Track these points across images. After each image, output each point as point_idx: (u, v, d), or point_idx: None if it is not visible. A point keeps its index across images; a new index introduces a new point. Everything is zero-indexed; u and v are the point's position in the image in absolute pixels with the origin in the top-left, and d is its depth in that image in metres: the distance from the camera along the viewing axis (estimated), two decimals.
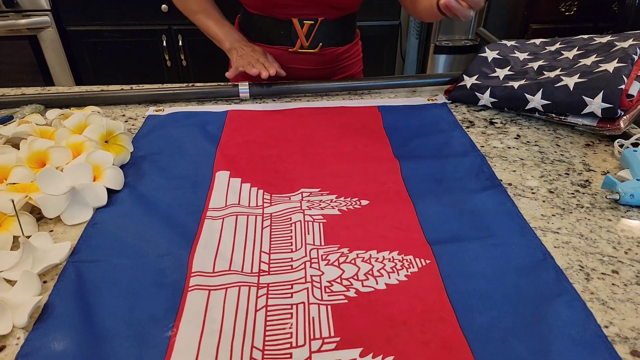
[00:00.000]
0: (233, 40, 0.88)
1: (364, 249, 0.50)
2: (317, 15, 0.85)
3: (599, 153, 0.69)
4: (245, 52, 0.86)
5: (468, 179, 0.62)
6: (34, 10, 1.74)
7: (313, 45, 0.88)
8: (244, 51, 0.86)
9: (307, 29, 0.86)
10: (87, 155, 0.58)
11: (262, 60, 0.84)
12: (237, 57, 0.85)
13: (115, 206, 0.56)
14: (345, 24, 0.90)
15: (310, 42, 0.88)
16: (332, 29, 0.88)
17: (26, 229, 0.50)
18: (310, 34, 0.87)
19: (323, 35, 0.88)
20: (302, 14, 0.85)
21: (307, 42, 0.88)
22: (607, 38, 0.80)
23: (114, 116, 0.79)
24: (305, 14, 0.85)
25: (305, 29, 0.86)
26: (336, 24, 0.88)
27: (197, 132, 0.73)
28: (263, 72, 0.80)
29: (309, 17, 0.85)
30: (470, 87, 0.81)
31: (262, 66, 0.81)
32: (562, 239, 0.52)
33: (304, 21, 0.85)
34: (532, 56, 0.86)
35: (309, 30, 0.86)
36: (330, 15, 0.86)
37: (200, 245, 0.50)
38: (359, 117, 0.78)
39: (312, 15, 0.85)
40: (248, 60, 0.83)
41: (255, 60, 0.83)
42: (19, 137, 0.63)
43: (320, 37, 0.88)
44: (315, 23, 0.86)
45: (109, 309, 0.43)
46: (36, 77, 1.89)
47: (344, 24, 0.90)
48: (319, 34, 0.87)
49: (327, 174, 0.63)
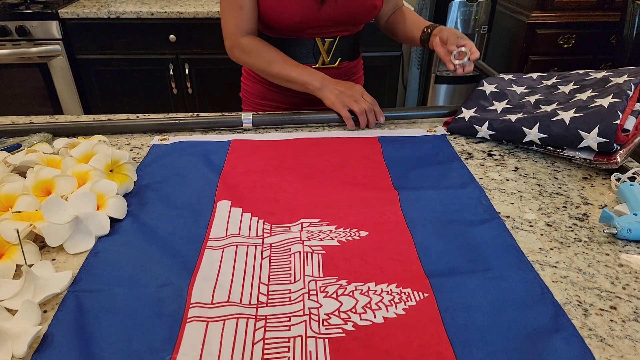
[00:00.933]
0: (321, 79, 0.88)
1: (363, 281, 0.51)
2: (337, 33, 0.93)
3: (596, 186, 0.69)
4: (340, 90, 0.86)
5: (466, 211, 0.63)
6: (46, 39, 1.80)
7: (333, 60, 0.96)
8: (338, 88, 0.86)
9: (328, 46, 0.94)
10: (91, 184, 0.59)
11: (365, 105, 0.85)
12: (334, 97, 0.85)
13: (118, 235, 0.57)
14: (357, 39, 1.00)
15: (331, 58, 0.96)
16: (348, 44, 0.97)
17: (29, 258, 0.51)
18: (330, 50, 0.95)
19: (340, 51, 0.96)
20: (325, 32, 0.92)
21: (328, 58, 0.95)
22: (602, 74, 0.82)
23: (120, 144, 0.80)
24: (327, 32, 0.92)
25: (327, 45, 0.94)
26: (350, 40, 0.97)
27: (201, 161, 0.74)
28: (371, 121, 0.85)
29: (330, 35, 0.93)
30: (468, 120, 0.83)
31: (367, 115, 0.84)
32: (560, 273, 0.52)
33: (325, 39, 0.93)
34: (529, 90, 0.88)
35: (329, 46, 0.94)
36: (346, 32, 0.95)
37: (199, 276, 0.50)
38: (359, 148, 0.80)
39: (333, 34, 0.93)
40: (348, 99, 0.85)
41: (354, 101, 0.85)
42: (26, 166, 0.64)
43: (338, 52, 0.96)
44: (335, 40, 0.94)
45: (107, 339, 0.43)
46: (45, 103, 1.93)
47: (355, 39, 0.99)
48: (337, 50, 0.96)
49: (327, 204, 0.64)
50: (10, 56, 1.79)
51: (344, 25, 0.93)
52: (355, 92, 0.86)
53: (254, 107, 1.03)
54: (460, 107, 0.86)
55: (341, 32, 0.94)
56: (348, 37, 0.96)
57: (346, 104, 0.85)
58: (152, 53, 1.87)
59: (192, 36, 1.84)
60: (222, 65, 1.78)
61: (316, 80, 0.87)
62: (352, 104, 0.85)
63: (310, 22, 0.89)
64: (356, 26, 0.96)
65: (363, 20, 0.95)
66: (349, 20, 0.92)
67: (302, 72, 0.88)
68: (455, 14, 2.04)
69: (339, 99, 0.85)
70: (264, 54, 0.89)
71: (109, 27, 1.82)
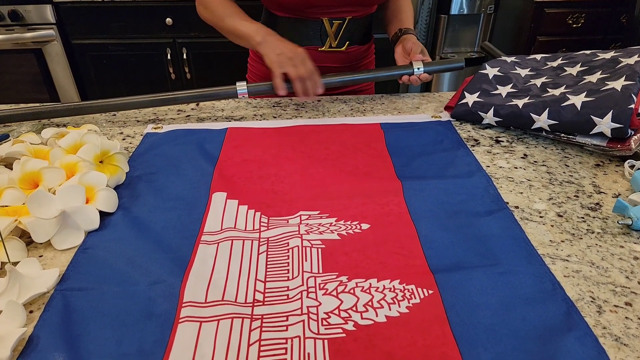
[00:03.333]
0: (264, 34, 0.80)
1: (364, 277, 0.48)
2: (346, 14, 0.88)
3: (609, 174, 0.66)
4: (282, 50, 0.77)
5: (473, 201, 0.60)
6: (40, 24, 1.75)
7: (341, 44, 0.91)
8: (280, 48, 0.78)
9: (337, 28, 0.89)
10: (80, 177, 0.56)
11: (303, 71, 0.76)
12: (275, 55, 0.77)
13: (108, 230, 0.54)
14: (367, 22, 0.94)
15: (339, 41, 0.90)
16: (357, 27, 0.91)
17: (15, 254, 0.49)
18: (338, 32, 0.89)
19: (349, 33, 0.90)
20: (332, 12, 0.87)
21: (336, 41, 0.90)
22: (611, 54, 0.78)
23: (112, 134, 0.78)
24: (335, 12, 0.87)
25: (335, 27, 0.89)
26: (361, 23, 0.91)
27: (195, 150, 0.71)
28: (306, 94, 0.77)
29: (338, 16, 0.87)
30: (472, 105, 0.79)
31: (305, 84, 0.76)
32: (572, 267, 0.50)
33: (334, 21, 0.88)
34: (534, 72, 0.84)
35: (337, 28, 0.89)
36: (357, 13, 0.89)
37: (192, 273, 0.48)
38: (361, 135, 0.76)
39: (341, 15, 0.87)
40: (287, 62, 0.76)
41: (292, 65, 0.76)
42: (13, 157, 0.62)
43: (347, 35, 0.90)
44: (344, 22, 0.88)
45: (95, 341, 0.41)
46: (41, 90, 1.89)
47: (366, 22, 0.93)
48: (346, 33, 0.90)
49: (327, 195, 0.62)
50: (4, 42, 1.75)
51: (353, 5, 0.87)
52: (296, 56, 0.77)
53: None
54: (463, 91, 0.83)
55: (351, 13, 0.88)
56: (359, 19, 0.90)
57: (283, 67, 0.77)
58: (149, 37, 1.82)
59: (189, 19, 1.79)
60: (221, 49, 1.74)
61: (258, 34, 0.79)
62: (289, 68, 0.76)
63: (312, 1, 0.84)
64: (368, 7, 0.90)
65: (373, 1, 0.89)
66: (357, 0, 0.86)
67: (248, 24, 0.82)
68: None
69: (278, 59, 0.77)
70: (220, 8, 0.85)
71: (104, 11, 1.77)
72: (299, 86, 0.77)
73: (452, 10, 2.01)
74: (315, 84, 0.78)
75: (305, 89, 0.77)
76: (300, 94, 0.78)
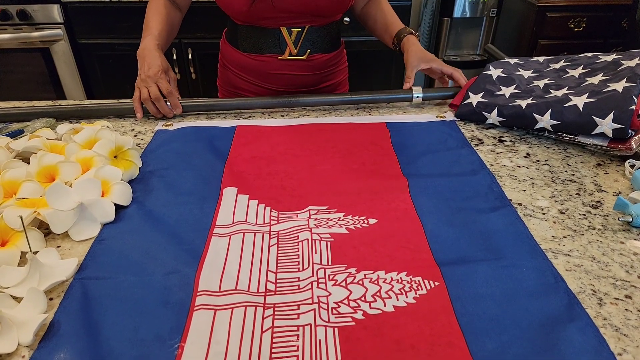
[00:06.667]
0: (140, 50, 0.82)
1: (372, 269, 0.50)
2: (304, 23, 0.87)
3: (610, 173, 0.68)
4: (145, 69, 0.79)
5: (477, 198, 0.61)
6: (47, 24, 1.77)
7: (301, 52, 0.90)
8: (144, 64, 0.79)
9: (295, 36, 0.88)
10: (96, 171, 0.58)
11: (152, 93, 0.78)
12: (140, 73, 0.79)
13: (123, 222, 0.56)
14: (331, 31, 0.92)
15: (299, 49, 0.89)
16: (319, 35, 0.90)
17: (34, 245, 0.50)
18: (298, 41, 0.88)
19: (310, 42, 0.89)
20: (290, 23, 0.86)
21: (296, 49, 0.89)
22: (612, 56, 0.80)
23: (124, 130, 0.79)
24: (292, 23, 0.86)
25: (294, 36, 0.88)
26: (322, 31, 0.90)
27: (206, 147, 0.73)
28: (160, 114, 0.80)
29: (297, 25, 0.87)
30: (476, 105, 0.81)
31: (158, 109, 0.79)
32: (574, 261, 0.51)
33: (292, 29, 0.87)
34: (537, 74, 0.86)
35: (296, 37, 0.88)
36: (316, 22, 0.88)
37: (206, 264, 0.50)
38: (367, 134, 0.78)
39: (300, 24, 0.87)
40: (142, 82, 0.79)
41: (144, 85, 0.78)
42: (29, 152, 0.63)
43: (307, 43, 0.89)
44: (303, 30, 0.87)
45: (114, 327, 0.43)
46: (47, 88, 1.91)
47: (329, 31, 0.92)
48: (306, 41, 0.89)
49: (335, 191, 0.63)
50: (11, 41, 1.77)
51: (308, 16, 0.86)
52: (149, 78, 0.78)
53: (229, 95, 1.00)
54: (467, 91, 0.84)
55: (309, 23, 0.87)
56: (318, 27, 0.88)
57: (139, 88, 0.78)
58: None
59: (195, 20, 1.81)
60: None
61: (140, 48, 0.82)
62: (142, 89, 0.78)
63: (261, 13, 0.83)
64: (326, 18, 0.88)
65: (330, 12, 0.87)
66: (311, 12, 0.85)
67: (144, 34, 0.84)
68: None
69: (137, 80, 0.79)
70: (149, 14, 0.88)
71: (111, 11, 1.79)
72: (148, 107, 0.79)
73: (455, 14, 2.03)
74: (164, 106, 0.79)
75: (154, 110, 0.80)
76: (152, 112, 0.80)
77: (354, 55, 1.25)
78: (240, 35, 0.90)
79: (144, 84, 0.78)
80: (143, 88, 0.78)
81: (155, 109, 0.79)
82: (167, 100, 0.79)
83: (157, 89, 0.78)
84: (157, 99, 0.78)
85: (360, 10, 1.00)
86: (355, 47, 1.57)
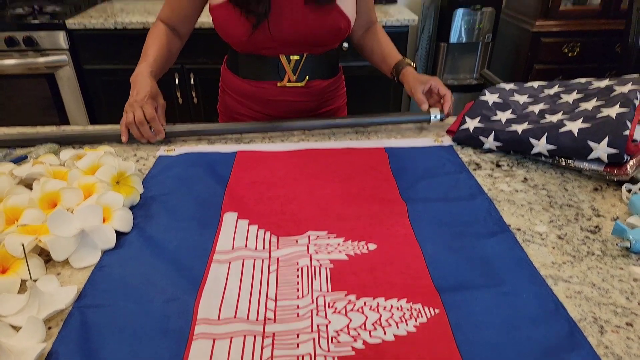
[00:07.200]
0: (136, 74, 0.84)
1: (372, 296, 0.50)
2: (302, 51, 0.90)
3: (607, 198, 0.68)
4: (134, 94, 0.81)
5: (476, 223, 0.62)
6: (53, 49, 1.81)
7: (300, 79, 0.92)
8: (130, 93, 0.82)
9: (294, 64, 0.90)
10: (97, 197, 0.58)
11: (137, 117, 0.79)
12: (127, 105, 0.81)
13: (123, 249, 0.56)
14: (329, 58, 0.95)
15: (298, 76, 0.92)
16: (317, 63, 0.93)
17: (34, 272, 0.50)
18: (297, 68, 0.91)
19: (309, 69, 0.92)
20: (288, 51, 0.89)
21: (295, 76, 0.92)
22: (606, 82, 0.82)
23: (126, 156, 0.80)
24: (291, 51, 0.89)
25: (292, 64, 0.90)
26: (320, 59, 0.93)
27: (206, 172, 0.74)
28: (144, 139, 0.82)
29: (295, 53, 0.89)
30: (473, 131, 0.82)
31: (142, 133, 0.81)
32: (574, 288, 0.51)
33: (291, 57, 0.90)
34: (531, 99, 0.87)
35: (295, 65, 0.90)
36: (314, 51, 0.91)
37: (206, 291, 0.50)
38: (366, 158, 0.79)
39: (298, 52, 0.89)
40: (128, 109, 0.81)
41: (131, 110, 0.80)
42: (32, 178, 0.64)
43: (306, 70, 0.92)
44: (301, 58, 0.90)
45: (112, 357, 0.42)
46: (51, 112, 1.93)
47: (327, 58, 0.94)
48: (305, 68, 0.91)
49: (335, 215, 0.63)
50: (17, 66, 1.80)
51: (305, 46, 0.89)
52: (137, 102, 0.80)
53: (229, 120, 1.02)
54: (464, 116, 0.86)
55: (307, 51, 0.90)
56: (317, 56, 0.91)
57: (126, 112, 0.81)
58: None
59: (197, 46, 1.84)
60: None
61: (134, 73, 0.84)
62: (128, 113, 0.80)
63: (260, 43, 0.86)
64: (323, 47, 0.91)
65: (327, 43, 0.90)
66: (308, 42, 0.88)
67: (140, 61, 0.87)
68: (459, 22, 2.05)
69: (128, 102, 0.81)
70: (148, 41, 0.90)
71: (115, 38, 1.83)
72: (132, 130, 0.81)
73: (451, 39, 2.08)
74: (146, 131, 0.81)
75: (137, 134, 0.81)
76: (136, 136, 0.82)
77: (353, 80, 1.27)
78: (241, 62, 0.93)
79: (131, 108, 0.80)
80: (129, 112, 0.80)
81: (138, 132, 0.81)
82: (151, 126, 0.81)
83: (142, 114, 0.80)
84: (141, 123, 0.80)
85: (357, 40, 1.03)
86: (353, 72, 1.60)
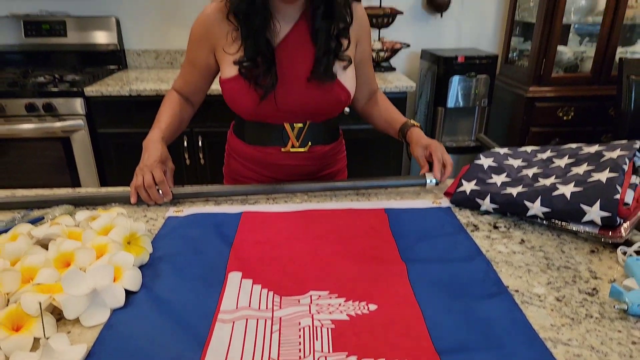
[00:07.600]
0: (147, 141, 0.91)
1: (373, 357, 0.50)
2: (305, 119, 0.96)
3: (604, 260, 0.70)
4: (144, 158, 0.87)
5: (475, 284, 0.63)
6: (70, 114, 1.91)
7: (303, 144, 0.98)
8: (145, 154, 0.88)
9: (297, 131, 0.97)
10: (109, 257, 0.61)
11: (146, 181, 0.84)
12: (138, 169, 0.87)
13: (132, 307, 0.58)
14: (330, 125, 1.02)
15: (301, 142, 0.98)
16: (319, 130, 0.99)
17: (47, 330, 0.52)
18: (300, 135, 0.97)
19: (311, 135, 0.98)
20: (292, 120, 0.96)
21: (298, 142, 0.98)
22: (595, 148, 0.86)
23: (137, 216, 0.84)
24: (294, 120, 0.96)
25: (296, 131, 0.97)
26: (322, 126, 0.99)
27: (213, 233, 0.77)
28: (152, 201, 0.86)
29: (298, 121, 0.96)
30: (470, 193, 0.85)
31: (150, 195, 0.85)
32: (574, 351, 0.52)
33: (294, 125, 0.96)
34: (525, 163, 0.91)
35: (298, 132, 0.97)
36: (316, 119, 0.97)
37: (210, 351, 0.51)
38: (366, 219, 0.82)
39: (301, 120, 0.96)
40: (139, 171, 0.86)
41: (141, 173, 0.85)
42: (48, 238, 0.67)
43: (308, 137, 0.98)
44: (304, 126, 0.97)
45: None
46: (63, 172, 2.00)
47: (329, 125, 1.01)
48: (307, 135, 0.98)
49: (336, 276, 0.65)
50: (35, 130, 1.90)
51: (308, 115, 0.95)
52: (146, 167, 0.85)
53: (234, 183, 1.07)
54: (461, 179, 0.90)
55: (310, 119, 0.96)
56: (318, 123, 0.98)
57: (135, 176, 0.86)
58: None
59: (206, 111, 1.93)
60: None
61: (146, 138, 0.91)
62: (138, 177, 0.85)
63: (266, 112, 0.93)
64: (324, 116, 0.98)
65: (329, 113, 0.97)
66: (311, 112, 0.95)
67: (156, 121, 0.95)
68: (455, 88, 2.16)
69: (139, 166, 0.86)
70: (162, 108, 0.98)
71: (129, 104, 1.93)
72: (141, 193, 0.85)
73: (448, 104, 2.18)
74: (154, 194, 0.85)
75: (145, 196, 0.86)
76: (143, 199, 0.86)
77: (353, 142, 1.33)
78: (247, 129, 1.00)
79: (141, 172, 0.86)
80: (140, 175, 0.85)
81: (146, 195, 0.86)
82: (159, 188, 0.86)
83: (151, 177, 0.85)
84: (149, 187, 0.84)
85: (361, 109, 1.11)
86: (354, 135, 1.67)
